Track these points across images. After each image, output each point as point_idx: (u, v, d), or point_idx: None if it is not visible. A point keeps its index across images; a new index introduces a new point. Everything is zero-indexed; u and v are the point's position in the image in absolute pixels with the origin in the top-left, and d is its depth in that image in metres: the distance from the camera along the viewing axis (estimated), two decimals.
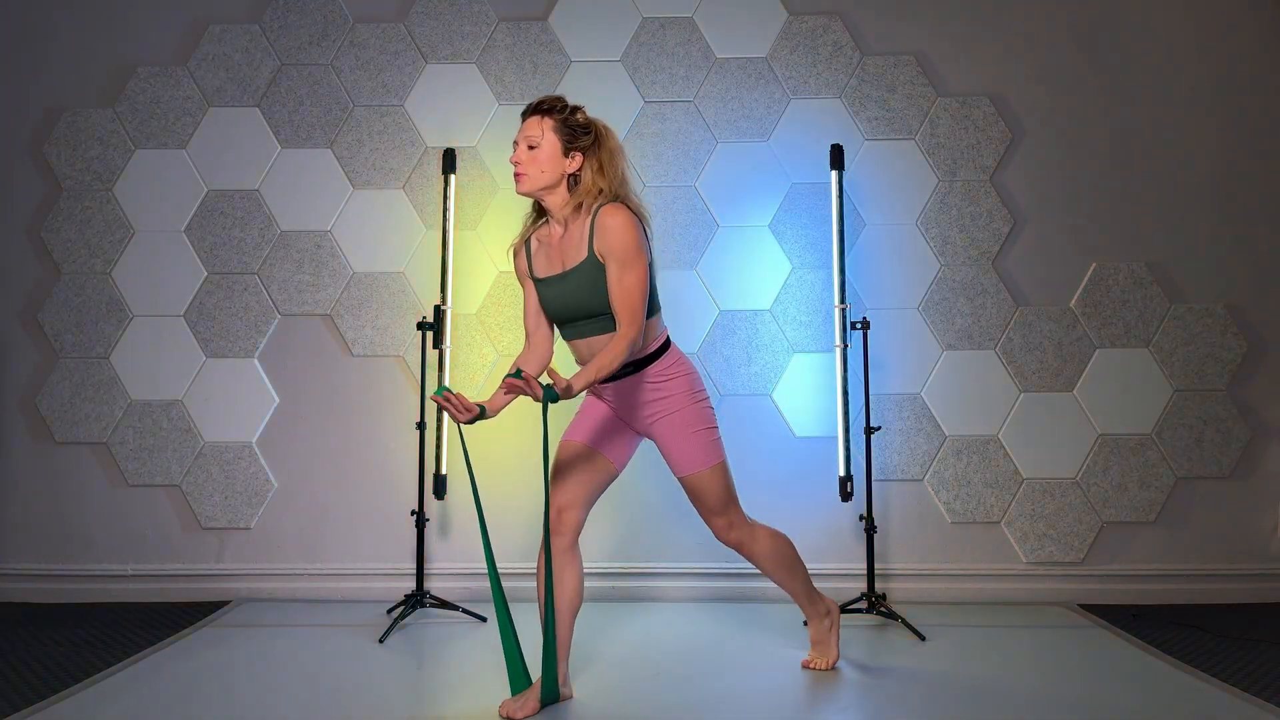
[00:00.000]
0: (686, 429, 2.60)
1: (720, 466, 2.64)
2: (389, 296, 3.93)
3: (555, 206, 2.57)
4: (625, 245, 2.45)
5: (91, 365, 3.92)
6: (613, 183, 2.54)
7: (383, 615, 3.57)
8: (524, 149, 2.54)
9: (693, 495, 2.67)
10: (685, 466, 2.62)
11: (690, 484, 2.64)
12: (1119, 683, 2.81)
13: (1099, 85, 3.95)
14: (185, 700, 2.68)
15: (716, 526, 2.70)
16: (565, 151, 2.53)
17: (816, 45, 3.97)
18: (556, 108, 2.55)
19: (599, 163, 2.54)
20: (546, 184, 2.54)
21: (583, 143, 2.54)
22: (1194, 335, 3.87)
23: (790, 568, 2.82)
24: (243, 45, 4.00)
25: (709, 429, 2.63)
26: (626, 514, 3.81)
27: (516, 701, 2.51)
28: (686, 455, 2.61)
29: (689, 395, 2.61)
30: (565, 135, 2.53)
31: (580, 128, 2.55)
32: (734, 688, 2.77)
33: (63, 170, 3.96)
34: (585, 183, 2.53)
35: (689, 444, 2.60)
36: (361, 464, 3.90)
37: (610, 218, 2.47)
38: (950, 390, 3.88)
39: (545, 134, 2.53)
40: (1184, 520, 3.85)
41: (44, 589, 3.86)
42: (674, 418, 2.60)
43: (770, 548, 2.77)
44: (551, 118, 2.54)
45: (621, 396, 2.63)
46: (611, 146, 2.58)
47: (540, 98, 2.59)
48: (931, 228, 3.92)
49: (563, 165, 2.54)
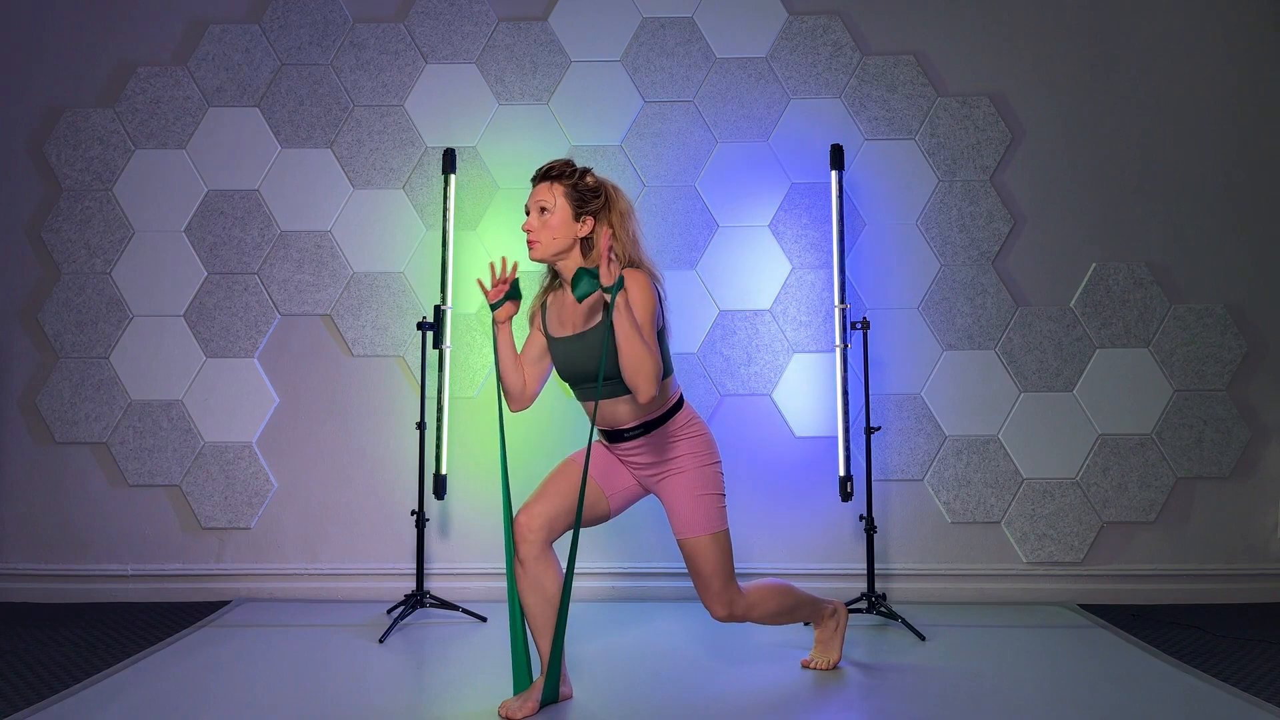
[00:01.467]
0: (693, 490, 2.57)
1: (723, 535, 2.59)
2: (389, 296, 3.93)
3: (569, 272, 2.56)
4: (645, 308, 2.45)
5: (91, 365, 3.92)
6: (626, 245, 2.54)
7: (383, 615, 3.57)
8: (536, 216, 2.53)
9: (691, 563, 2.60)
10: (687, 529, 2.57)
11: (689, 549, 2.59)
12: (1119, 683, 2.81)
13: (1099, 85, 3.95)
14: (185, 700, 2.68)
15: (715, 606, 2.61)
16: (576, 216, 2.53)
17: (816, 45, 3.97)
18: (566, 173, 2.54)
19: (611, 226, 2.53)
20: (560, 250, 2.53)
21: (593, 206, 2.54)
22: (1194, 335, 3.87)
23: (792, 611, 2.79)
24: (243, 45, 4.00)
25: (716, 495, 2.60)
26: (627, 515, 3.80)
27: (516, 701, 2.51)
28: (690, 518, 2.57)
29: (700, 457, 2.60)
30: (575, 200, 2.53)
31: (590, 191, 2.55)
32: (733, 688, 2.77)
33: (63, 170, 3.96)
34: (599, 248, 2.53)
35: (695, 507, 2.57)
36: (361, 464, 3.90)
37: (632, 281, 2.46)
38: (950, 390, 3.88)
39: (556, 200, 2.52)
40: (1184, 520, 3.85)
41: (44, 589, 3.86)
42: (682, 478, 2.59)
43: (771, 608, 2.72)
44: (561, 183, 2.53)
45: (633, 457, 2.63)
46: (622, 208, 2.57)
47: (549, 164, 2.57)
48: (931, 228, 3.92)
49: (575, 230, 2.53)
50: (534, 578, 2.51)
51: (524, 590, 2.52)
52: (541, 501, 2.54)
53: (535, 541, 2.51)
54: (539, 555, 2.51)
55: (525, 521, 2.51)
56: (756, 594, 2.70)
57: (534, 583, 2.51)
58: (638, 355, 2.36)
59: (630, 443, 2.60)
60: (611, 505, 2.67)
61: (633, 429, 2.58)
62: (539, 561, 2.51)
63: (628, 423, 2.57)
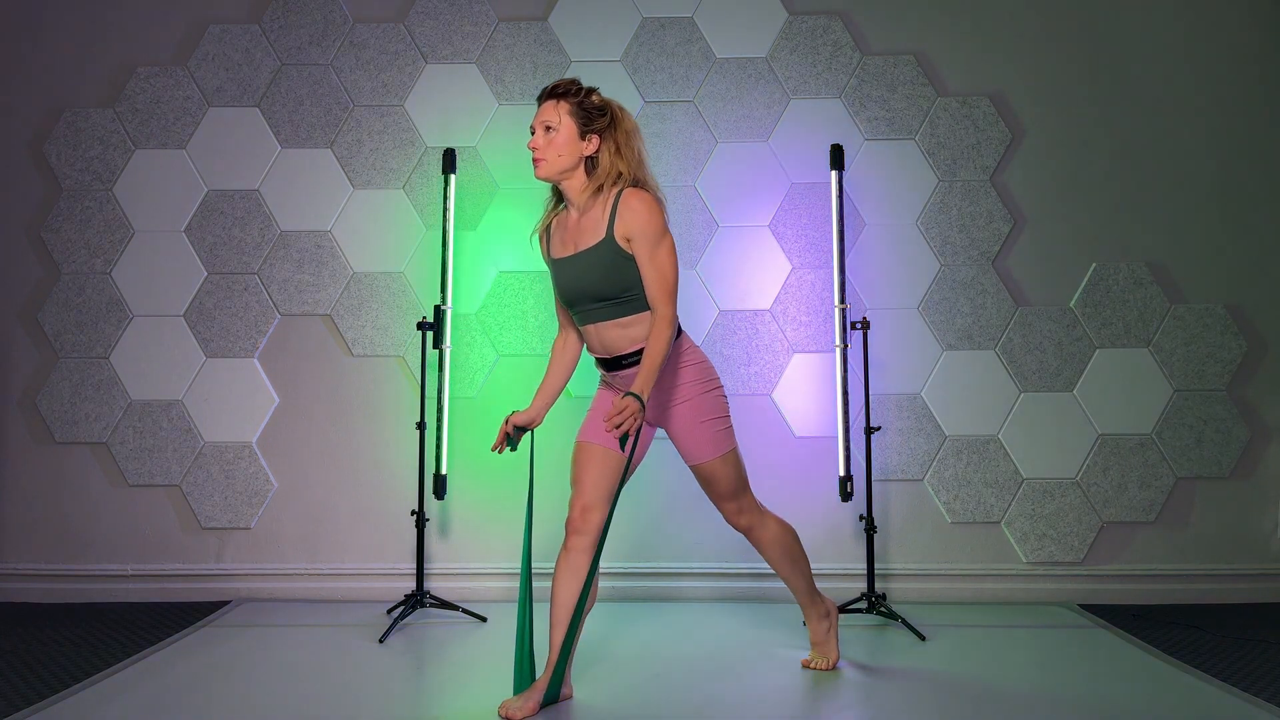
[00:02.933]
0: (697, 417, 2.61)
1: (731, 455, 2.65)
2: (389, 296, 3.93)
3: (574, 191, 2.58)
4: (653, 225, 2.49)
5: (91, 365, 3.92)
6: (630, 164, 2.56)
7: (383, 615, 3.57)
8: (541, 134, 2.55)
9: (704, 482, 2.69)
10: (696, 455, 2.63)
11: (701, 472, 2.66)
12: (1119, 683, 2.81)
13: (1099, 85, 3.95)
14: (185, 700, 2.68)
15: (726, 511, 2.72)
16: (582, 134, 2.54)
17: (816, 45, 3.97)
18: (572, 90, 2.56)
19: (616, 144, 2.56)
20: (565, 168, 2.55)
21: (599, 124, 2.55)
22: (1194, 335, 3.87)
23: (795, 560, 2.83)
24: (243, 45, 4.00)
25: (720, 418, 2.65)
26: (631, 514, 3.81)
27: (517, 701, 2.51)
28: (697, 444, 2.62)
29: (700, 384, 2.63)
30: (581, 118, 2.54)
31: (596, 109, 2.56)
32: (734, 687, 2.77)
33: (63, 170, 3.96)
34: (603, 165, 2.55)
35: (700, 433, 2.62)
36: (361, 464, 3.90)
37: (635, 199, 2.50)
38: (950, 390, 3.88)
39: (562, 118, 2.54)
40: (1184, 520, 3.85)
41: (44, 589, 3.86)
42: (685, 406, 2.62)
43: (778, 536, 2.79)
44: (567, 101, 2.55)
45: (630, 385, 2.62)
46: (628, 127, 2.59)
47: (555, 81, 2.60)
48: (931, 228, 3.92)
49: (580, 148, 2.55)
50: (576, 566, 2.55)
51: (563, 578, 2.54)
52: (588, 492, 2.58)
53: (588, 532, 2.56)
54: (587, 546, 2.56)
55: (581, 514, 2.56)
56: (771, 517, 2.79)
57: (575, 570, 2.54)
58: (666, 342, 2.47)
59: (629, 369, 2.60)
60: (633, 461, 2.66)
61: (630, 355, 2.58)
62: (584, 553, 2.56)
63: (625, 349, 2.58)
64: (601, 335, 2.59)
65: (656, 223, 2.50)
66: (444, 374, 3.70)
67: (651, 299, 2.52)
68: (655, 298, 2.51)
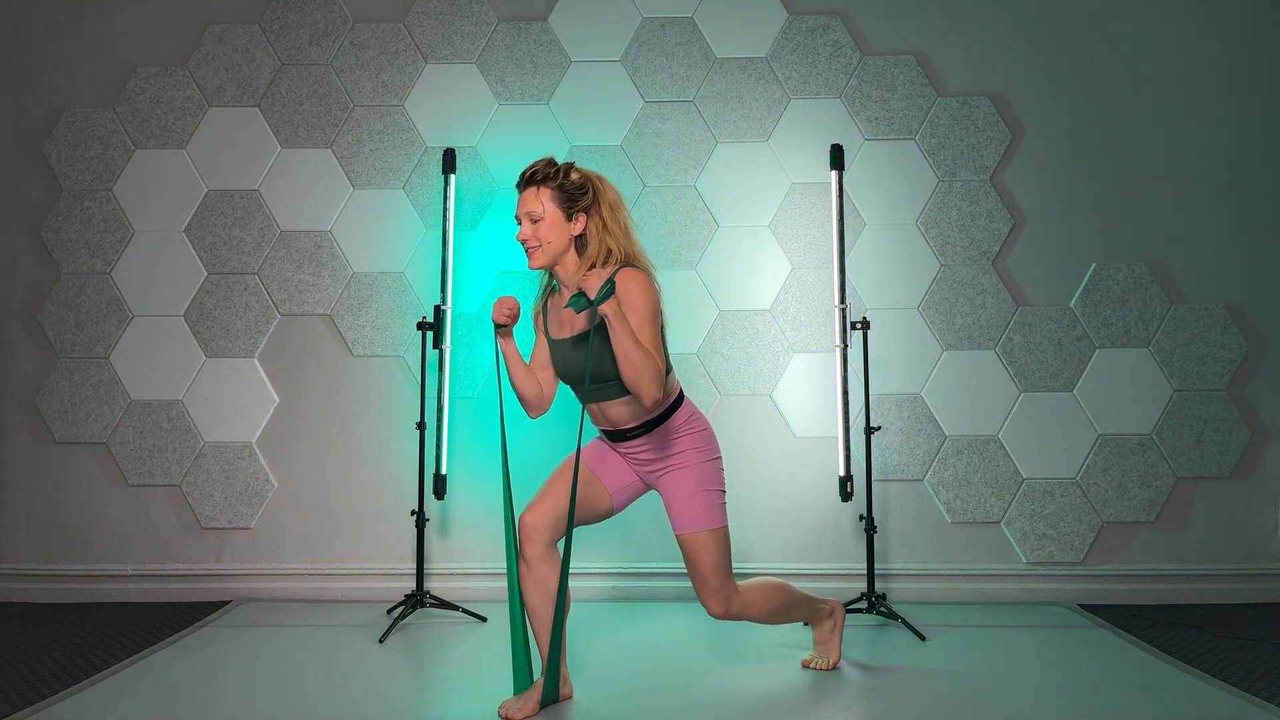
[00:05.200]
0: (693, 486, 2.57)
1: (721, 532, 2.59)
2: (389, 296, 3.93)
3: (567, 273, 2.55)
4: (646, 306, 2.45)
5: (91, 365, 3.92)
6: (619, 239, 2.53)
7: (383, 615, 3.57)
8: (528, 225, 2.52)
9: (689, 560, 2.60)
10: (687, 525, 2.57)
11: (688, 545, 2.58)
12: (1119, 682, 2.81)
13: (1099, 85, 3.95)
14: (185, 700, 2.68)
15: (711, 602, 2.60)
16: (568, 216, 2.51)
17: (816, 45, 3.97)
18: (550, 175, 2.51)
19: (602, 220, 2.53)
20: (558, 252, 2.53)
21: (583, 203, 2.52)
22: (1194, 335, 3.87)
23: (789, 610, 2.78)
24: (243, 45, 4.00)
25: (716, 491, 2.60)
26: (627, 514, 3.80)
27: (517, 701, 2.51)
28: (690, 514, 2.57)
29: (700, 453, 2.59)
30: (564, 201, 2.51)
31: (577, 189, 2.52)
32: (733, 688, 2.77)
33: (63, 170, 3.96)
34: (591, 245, 2.53)
35: (694, 502, 2.56)
36: (361, 464, 3.90)
37: (630, 279, 2.45)
38: (950, 390, 3.88)
39: (545, 205, 2.50)
40: (1184, 520, 3.85)
41: (44, 589, 3.86)
42: (682, 473, 2.58)
43: (767, 607, 2.71)
44: (547, 187, 2.51)
45: (636, 455, 2.63)
46: (611, 199, 2.56)
47: (530, 168, 2.53)
48: (931, 228, 3.92)
49: (568, 230, 2.52)
50: (539, 577, 2.52)
51: (528, 589, 2.52)
52: (546, 501, 2.54)
53: (540, 541, 2.52)
54: (544, 555, 2.52)
55: (530, 521, 2.52)
56: (753, 592, 2.69)
57: (538, 581, 2.52)
58: (637, 363, 2.36)
59: (632, 441, 2.60)
60: (614, 502, 2.68)
61: (634, 429, 2.58)
62: (544, 561, 2.52)
63: (629, 423, 2.57)
64: (605, 412, 2.57)
65: (648, 304, 2.45)
66: (444, 374, 3.70)
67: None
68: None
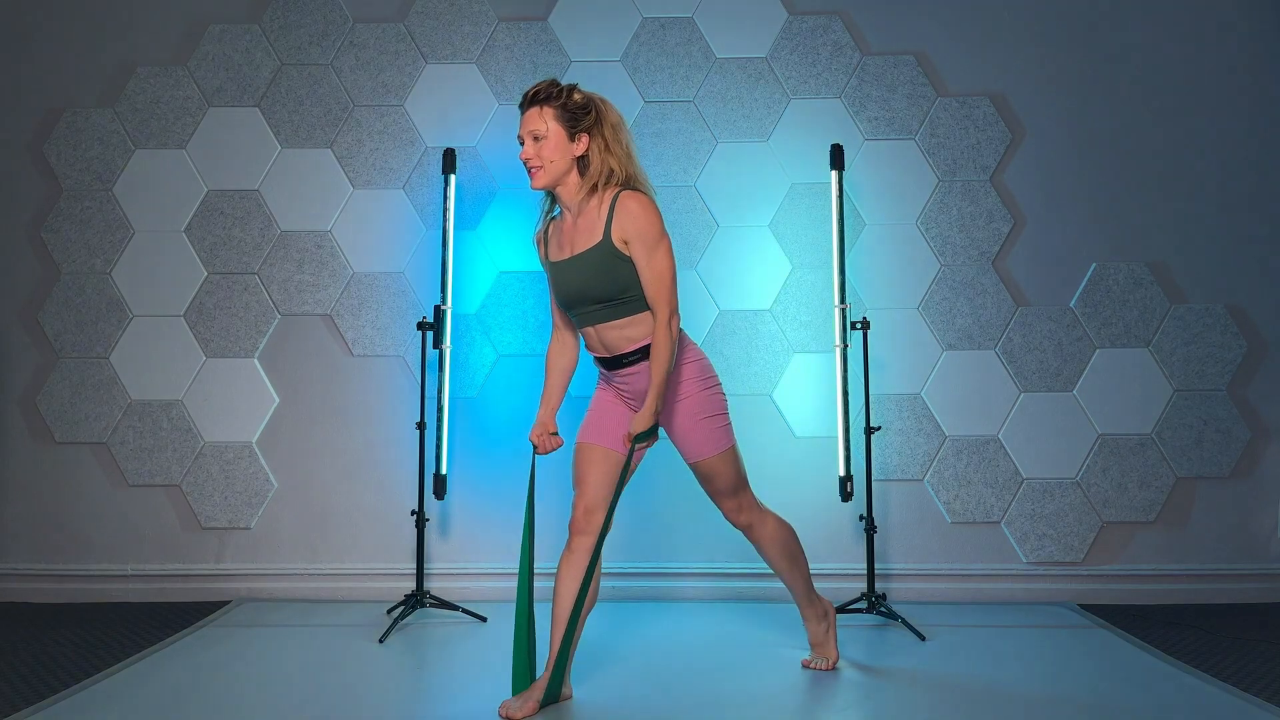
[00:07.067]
0: (696, 415, 2.61)
1: (729, 453, 2.65)
2: (389, 296, 3.93)
3: (569, 194, 2.58)
4: (651, 228, 2.50)
5: (91, 365, 3.92)
6: (620, 159, 2.56)
7: (383, 615, 3.57)
8: (530, 143, 2.55)
9: (703, 479, 2.69)
10: (695, 452, 2.63)
11: (700, 469, 2.66)
12: (1119, 683, 2.81)
13: (1099, 85, 3.95)
14: (185, 700, 2.68)
15: (726, 508, 2.73)
16: (570, 136, 2.54)
17: (816, 45, 3.97)
18: (554, 94, 2.55)
19: (604, 140, 2.55)
20: (560, 172, 2.55)
21: (586, 123, 2.55)
22: (1194, 335, 3.87)
23: (794, 559, 2.83)
24: (243, 45, 4.00)
25: (718, 415, 2.65)
26: (631, 514, 3.81)
27: (516, 701, 2.51)
28: (696, 441, 2.62)
29: (698, 382, 2.63)
30: (567, 120, 2.54)
31: (580, 108, 2.55)
32: (733, 688, 2.77)
33: (63, 170, 3.96)
34: (594, 165, 2.55)
35: (699, 430, 2.62)
36: (361, 464, 3.90)
37: (633, 201, 2.50)
38: (950, 390, 3.88)
39: (548, 123, 2.53)
40: (1184, 520, 3.85)
41: (44, 589, 3.86)
42: (683, 404, 2.62)
43: (777, 534, 2.79)
44: (550, 105, 2.54)
45: (631, 383, 2.62)
46: (613, 121, 2.59)
47: (534, 87, 2.57)
48: (931, 228, 3.92)
49: (571, 150, 2.55)
50: (578, 567, 2.55)
51: (565, 578, 2.56)
52: (591, 494, 2.59)
53: (591, 532, 2.57)
54: (590, 547, 2.57)
55: (585, 515, 2.58)
56: (771, 516, 2.78)
57: (577, 571, 2.55)
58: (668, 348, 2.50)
59: (630, 368, 2.60)
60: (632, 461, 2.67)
61: (631, 354, 2.58)
62: (587, 554, 2.57)
63: (627, 348, 2.58)
64: (602, 336, 2.59)
65: (654, 225, 2.50)
66: (444, 374, 3.70)
67: (651, 301, 2.52)
68: (654, 300, 2.51)
